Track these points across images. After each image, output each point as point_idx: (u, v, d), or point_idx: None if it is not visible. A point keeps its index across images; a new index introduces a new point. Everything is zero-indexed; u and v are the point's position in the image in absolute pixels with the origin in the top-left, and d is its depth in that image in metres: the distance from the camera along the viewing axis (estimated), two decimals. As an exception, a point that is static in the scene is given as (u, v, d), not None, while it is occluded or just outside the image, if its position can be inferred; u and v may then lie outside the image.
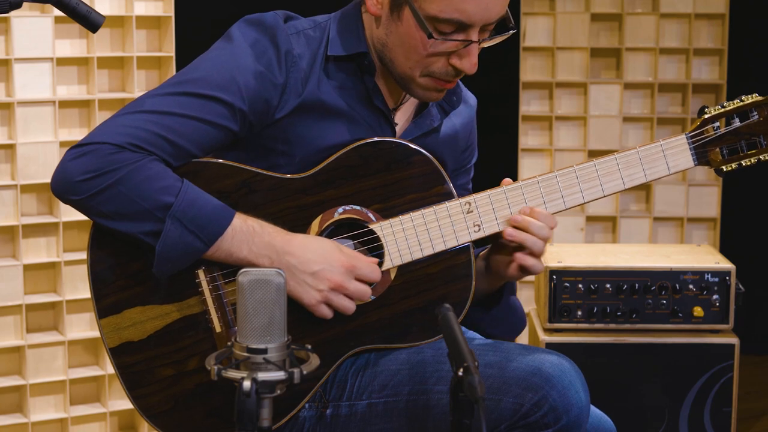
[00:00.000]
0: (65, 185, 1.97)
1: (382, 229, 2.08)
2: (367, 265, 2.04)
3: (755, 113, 2.12)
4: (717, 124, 2.13)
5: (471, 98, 2.31)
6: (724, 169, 2.14)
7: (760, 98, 2.13)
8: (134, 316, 2.04)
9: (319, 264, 2.00)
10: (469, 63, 2.02)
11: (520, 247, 2.09)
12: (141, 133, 1.97)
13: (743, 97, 2.13)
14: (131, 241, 1.99)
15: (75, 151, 1.97)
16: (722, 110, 2.13)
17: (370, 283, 2.05)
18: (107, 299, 2.04)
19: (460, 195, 2.12)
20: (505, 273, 2.13)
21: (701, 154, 2.13)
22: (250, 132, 2.06)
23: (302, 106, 2.06)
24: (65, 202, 1.99)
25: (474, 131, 2.32)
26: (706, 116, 2.13)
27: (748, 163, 2.14)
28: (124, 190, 1.95)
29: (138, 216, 1.96)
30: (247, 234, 1.99)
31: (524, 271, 2.10)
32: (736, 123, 2.13)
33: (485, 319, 2.26)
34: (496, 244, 2.15)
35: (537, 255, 2.09)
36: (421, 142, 2.16)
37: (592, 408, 2.18)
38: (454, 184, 2.13)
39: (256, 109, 2.03)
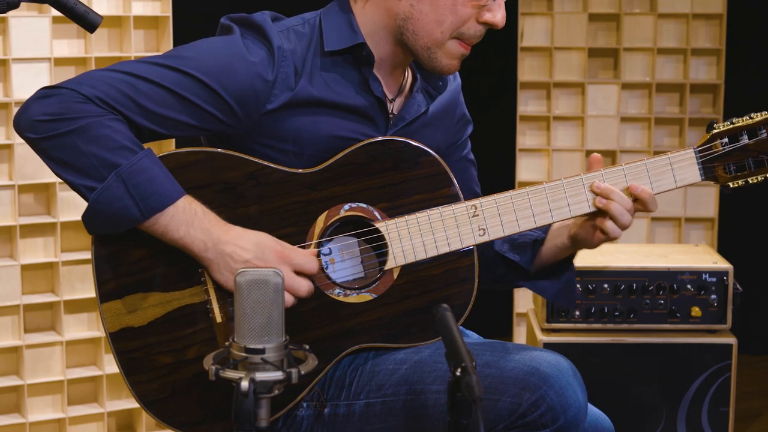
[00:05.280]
0: (25, 121, 1.98)
1: (387, 228, 2.09)
2: (302, 255, 2.03)
3: (764, 131, 2.11)
4: (726, 139, 2.12)
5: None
6: (731, 186, 2.13)
7: None
8: (135, 302, 2.04)
9: (251, 252, 2.00)
10: (501, 15, 2.10)
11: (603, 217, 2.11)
12: (111, 91, 1.98)
13: (753, 114, 2.12)
14: (136, 229, 1.99)
15: (43, 92, 1.99)
16: (731, 126, 2.12)
17: (309, 276, 2.04)
18: (109, 284, 2.04)
19: (465, 165, 2.11)
20: (591, 240, 2.15)
21: (708, 169, 2.12)
22: (242, 125, 2.06)
23: (296, 102, 2.06)
24: (23, 138, 2.00)
25: (461, 102, 2.34)
26: (714, 131, 2.12)
27: (755, 181, 2.13)
28: (77, 140, 1.95)
29: (84, 169, 1.96)
30: (188, 215, 1.99)
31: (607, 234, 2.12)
32: (745, 140, 2.12)
33: (556, 287, 2.27)
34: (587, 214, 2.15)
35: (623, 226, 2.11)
36: (411, 128, 2.17)
37: (590, 407, 2.18)
38: (456, 157, 2.12)
39: (242, 99, 2.03)
